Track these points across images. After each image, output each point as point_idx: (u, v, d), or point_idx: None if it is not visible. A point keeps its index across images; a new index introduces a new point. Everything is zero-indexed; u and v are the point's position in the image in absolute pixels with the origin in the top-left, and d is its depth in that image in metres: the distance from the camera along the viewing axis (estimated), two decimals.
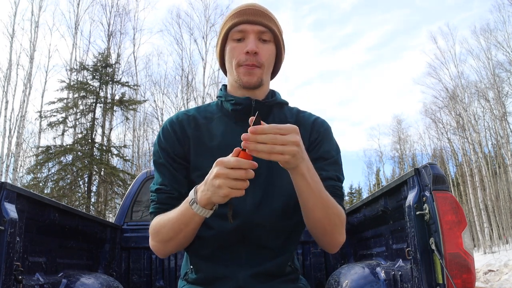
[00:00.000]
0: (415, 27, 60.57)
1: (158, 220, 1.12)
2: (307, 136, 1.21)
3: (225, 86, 1.29)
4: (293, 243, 1.22)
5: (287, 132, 0.88)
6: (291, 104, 1.32)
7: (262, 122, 0.87)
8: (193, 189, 1.00)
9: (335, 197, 1.11)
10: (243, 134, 0.86)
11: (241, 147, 0.89)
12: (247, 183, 0.90)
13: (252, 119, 0.87)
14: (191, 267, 1.21)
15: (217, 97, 1.28)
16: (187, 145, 1.20)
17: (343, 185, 1.24)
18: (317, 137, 1.22)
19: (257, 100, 1.19)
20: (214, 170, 0.91)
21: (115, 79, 16.74)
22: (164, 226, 1.08)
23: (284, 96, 1.32)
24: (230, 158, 0.89)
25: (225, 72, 1.29)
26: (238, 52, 1.16)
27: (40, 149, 14.71)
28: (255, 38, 1.16)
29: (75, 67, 17.88)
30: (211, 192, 0.92)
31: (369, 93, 64.49)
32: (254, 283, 1.11)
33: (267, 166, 1.14)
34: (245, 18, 1.16)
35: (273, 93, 1.28)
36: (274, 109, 1.25)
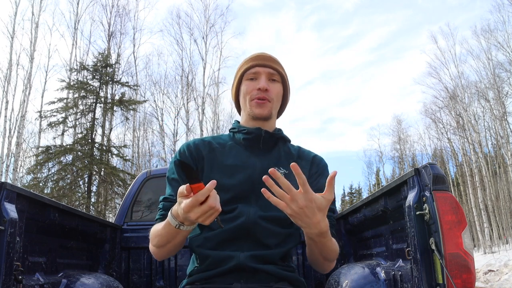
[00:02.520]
0: (417, 28, 60.39)
1: (155, 227, 1.24)
2: (308, 168, 1.39)
3: (237, 121, 1.47)
4: (288, 244, 1.30)
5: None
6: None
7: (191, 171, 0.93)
8: (170, 214, 1.07)
9: (330, 228, 1.26)
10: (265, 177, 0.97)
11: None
12: (218, 204, 0.98)
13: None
14: (196, 264, 1.29)
15: (229, 130, 1.46)
16: (201, 164, 1.34)
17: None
18: (317, 171, 1.40)
19: (266, 130, 1.37)
20: (190, 216, 0.97)
21: (115, 79, 16.74)
22: (157, 235, 1.20)
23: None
24: (192, 199, 0.94)
25: (238, 111, 1.48)
26: (252, 89, 1.37)
27: (40, 149, 14.71)
28: (266, 78, 1.37)
29: (75, 67, 17.89)
30: (198, 221, 1.01)
31: (370, 93, 64.50)
32: (252, 262, 1.22)
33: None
34: (258, 62, 1.39)
35: (279, 129, 1.46)
36: (280, 142, 1.43)
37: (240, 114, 1.48)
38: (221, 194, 1.25)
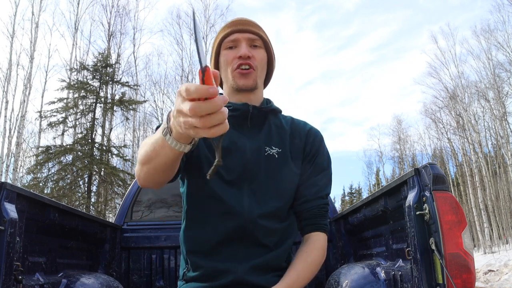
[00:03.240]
0: (417, 28, 60.47)
1: (145, 139, 1.03)
2: (302, 145, 1.30)
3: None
4: (287, 241, 1.26)
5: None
6: (286, 109, 1.40)
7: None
8: (167, 115, 0.84)
9: (321, 217, 1.25)
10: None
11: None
12: (225, 115, 0.66)
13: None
14: (187, 266, 1.24)
15: None
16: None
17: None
18: (311, 149, 1.30)
19: (254, 105, 1.25)
20: (182, 107, 0.68)
21: (115, 79, 16.74)
22: (145, 144, 0.99)
23: (286, 97, 1.37)
24: (200, 86, 0.64)
25: (220, 85, 1.34)
26: (232, 58, 1.23)
27: (40, 149, 14.71)
28: (246, 45, 1.24)
29: (75, 67, 17.88)
30: (188, 132, 0.71)
31: (370, 93, 64.54)
32: (252, 275, 1.16)
33: (265, 171, 1.22)
34: (236, 28, 1.25)
35: (268, 101, 1.34)
36: (270, 115, 1.31)
37: (222, 88, 1.34)
38: (212, 180, 1.18)
